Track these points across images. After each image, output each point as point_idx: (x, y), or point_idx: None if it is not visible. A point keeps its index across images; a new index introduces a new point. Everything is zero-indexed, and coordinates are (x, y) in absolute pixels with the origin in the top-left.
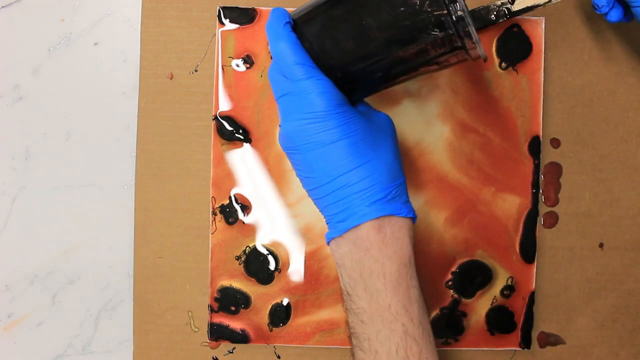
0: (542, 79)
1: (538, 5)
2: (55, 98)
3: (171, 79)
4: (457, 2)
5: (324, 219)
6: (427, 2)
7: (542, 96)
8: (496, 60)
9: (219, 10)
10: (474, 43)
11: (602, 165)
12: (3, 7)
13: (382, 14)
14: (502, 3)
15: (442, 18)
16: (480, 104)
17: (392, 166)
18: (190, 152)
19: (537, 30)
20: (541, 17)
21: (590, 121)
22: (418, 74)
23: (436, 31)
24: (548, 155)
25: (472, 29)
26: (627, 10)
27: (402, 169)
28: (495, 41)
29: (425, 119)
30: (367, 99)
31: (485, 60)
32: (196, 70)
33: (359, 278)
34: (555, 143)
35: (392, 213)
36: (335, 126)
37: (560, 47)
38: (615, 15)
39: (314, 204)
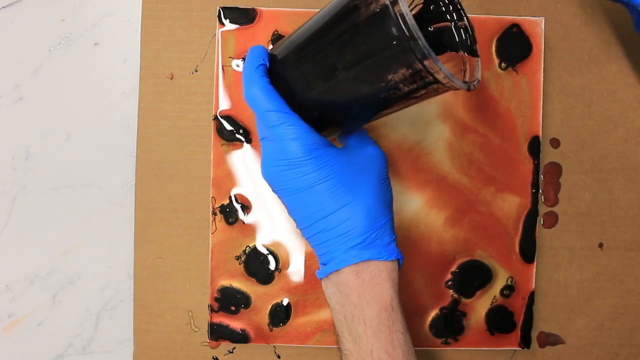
0: (542, 79)
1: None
2: (55, 98)
3: (171, 79)
4: (418, 40)
5: None
6: (387, 43)
7: (541, 96)
8: (496, 61)
9: (219, 10)
10: (447, 77)
11: (601, 165)
12: (3, 7)
13: (346, 54)
14: (457, 24)
15: (407, 56)
16: (480, 104)
17: (373, 208)
18: (190, 152)
19: (537, 30)
20: (541, 18)
21: (590, 121)
22: (398, 108)
23: (402, 69)
24: (548, 155)
25: (440, 65)
26: None
27: (388, 207)
28: (495, 41)
29: (425, 119)
30: None
31: (469, 90)
32: (196, 71)
33: (343, 321)
34: (555, 143)
35: (371, 258)
36: (311, 171)
37: (560, 47)
38: None
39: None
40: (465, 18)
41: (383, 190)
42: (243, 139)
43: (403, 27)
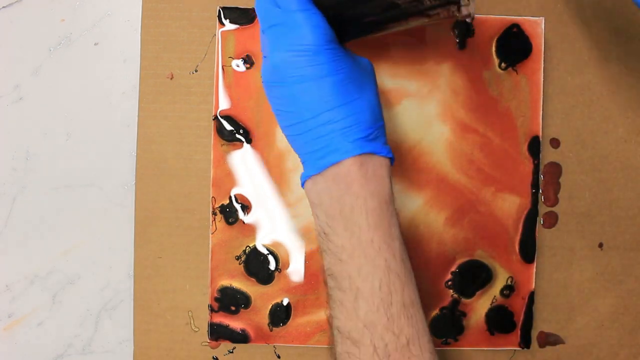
0: (542, 79)
1: None
2: (55, 98)
3: (171, 79)
4: None
5: (299, 159)
6: None
7: (541, 96)
8: (496, 61)
9: (219, 10)
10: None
11: (601, 165)
12: (3, 7)
13: None
14: None
15: None
16: (480, 104)
17: (375, 108)
18: (190, 152)
19: (537, 30)
20: (541, 17)
21: (590, 121)
22: (407, 23)
23: None
24: (548, 155)
25: None
26: None
27: (382, 113)
28: (495, 41)
29: (425, 119)
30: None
31: (472, 19)
32: (196, 71)
33: (338, 215)
34: (555, 143)
35: (374, 151)
36: (325, 62)
37: (560, 47)
38: None
39: (289, 141)
40: None
41: (378, 96)
42: (243, 139)
43: None
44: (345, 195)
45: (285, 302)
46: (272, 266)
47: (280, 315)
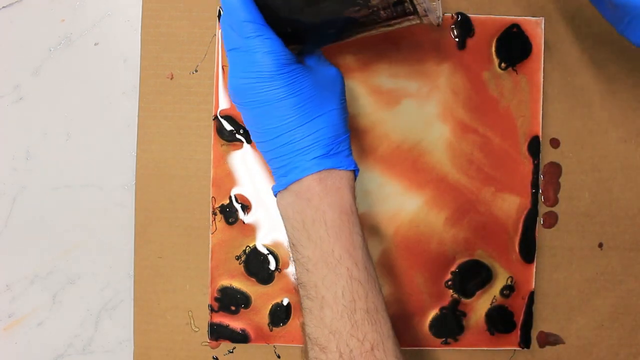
0: (542, 79)
1: None
2: (55, 98)
3: (171, 79)
4: None
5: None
6: None
7: (541, 96)
8: (496, 61)
9: (219, 10)
10: (425, 10)
11: (601, 165)
12: (3, 7)
13: None
14: None
15: None
16: (480, 104)
17: (337, 123)
18: (190, 152)
19: (537, 30)
20: (541, 18)
21: (589, 121)
22: (370, 33)
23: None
24: (547, 155)
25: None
26: None
27: (347, 125)
28: (494, 41)
29: (425, 119)
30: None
31: (439, 25)
32: (196, 71)
33: (301, 228)
34: (555, 143)
35: (334, 166)
36: (281, 86)
37: (560, 47)
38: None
39: (262, 154)
40: None
41: (344, 108)
42: (243, 139)
43: None
44: (307, 209)
45: (285, 302)
46: (272, 266)
47: (280, 315)
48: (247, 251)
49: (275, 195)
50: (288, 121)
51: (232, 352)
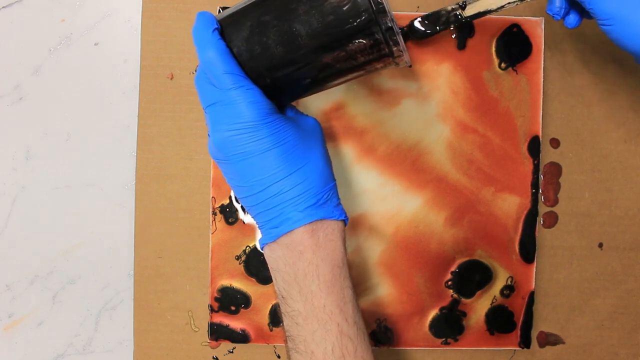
0: (542, 79)
1: (490, 11)
2: (55, 98)
3: (171, 79)
4: (386, 13)
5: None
6: (356, 13)
7: (541, 96)
8: (496, 61)
9: (219, 10)
10: (401, 51)
11: (601, 165)
12: (4, 7)
13: (312, 21)
14: (452, 9)
15: (372, 28)
16: (480, 104)
17: (324, 171)
18: (190, 152)
19: (537, 30)
20: (540, 18)
21: (589, 121)
22: (346, 79)
23: (365, 40)
24: (547, 155)
25: (399, 38)
26: (584, 12)
27: (332, 172)
28: (494, 41)
29: (425, 119)
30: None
31: (409, 66)
32: (196, 71)
33: (293, 281)
34: (555, 143)
35: (325, 217)
36: (266, 135)
37: (559, 47)
38: (572, 21)
39: (246, 210)
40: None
41: (327, 156)
42: None
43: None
44: (299, 262)
45: None
46: None
47: (280, 315)
48: (247, 251)
49: (262, 248)
50: (275, 172)
51: (232, 352)
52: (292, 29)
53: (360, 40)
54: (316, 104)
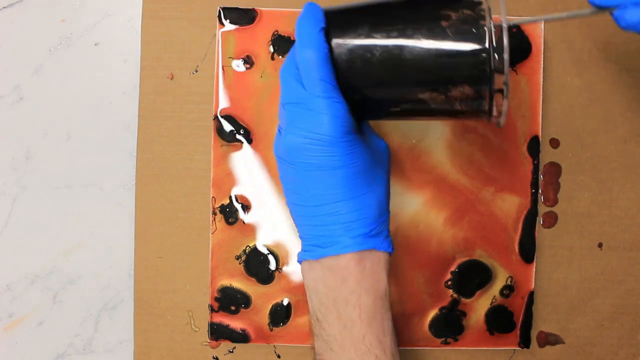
0: (542, 79)
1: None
2: (55, 98)
3: (171, 79)
4: (504, 74)
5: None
6: (474, 65)
7: (541, 96)
8: None
9: (219, 10)
10: (500, 112)
11: (601, 165)
12: (4, 7)
13: (425, 56)
14: None
15: (483, 84)
16: None
17: (383, 201)
18: (190, 152)
19: (537, 30)
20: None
21: (589, 121)
22: (431, 118)
23: (471, 92)
24: (547, 155)
25: (505, 103)
26: None
27: (389, 203)
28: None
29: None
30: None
31: (499, 126)
32: (196, 71)
33: (331, 306)
34: (555, 143)
35: (374, 247)
36: (339, 154)
37: (559, 47)
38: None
39: (290, 213)
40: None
41: (389, 185)
42: (244, 140)
43: (494, 51)
44: (341, 287)
45: (285, 302)
46: (272, 266)
47: (280, 315)
48: (247, 251)
49: (300, 262)
50: (337, 192)
51: (232, 352)
52: (402, 56)
53: (466, 91)
54: None
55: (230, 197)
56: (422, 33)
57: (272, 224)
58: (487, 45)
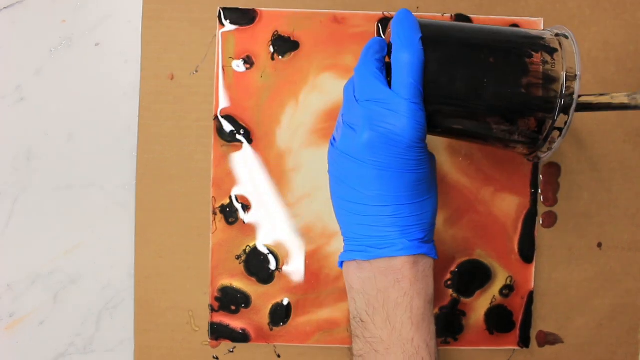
0: None
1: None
2: (56, 99)
3: (172, 79)
4: (568, 115)
5: (341, 232)
6: (544, 102)
7: None
8: None
9: (220, 11)
10: (549, 149)
11: (600, 165)
12: (5, 8)
13: (504, 84)
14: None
15: (547, 120)
16: None
17: (436, 210)
18: (190, 152)
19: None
20: (540, 18)
21: (588, 121)
22: (485, 143)
23: (534, 127)
24: None
25: (559, 141)
26: None
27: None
28: None
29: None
30: None
31: (536, 161)
32: (197, 71)
33: (381, 308)
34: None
35: (427, 252)
36: (412, 159)
37: None
38: None
39: (336, 209)
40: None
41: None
42: (244, 140)
43: (567, 103)
44: (392, 290)
45: (285, 302)
46: (273, 266)
47: (280, 314)
48: (247, 251)
49: (342, 263)
50: (402, 194)
51: (232, 351)
52: (484, 79)
53: (530, 124)
54: (317, 103)
55: (230, 197)
56: (506, 64)
57: (272, 224)
58: (559, 87)
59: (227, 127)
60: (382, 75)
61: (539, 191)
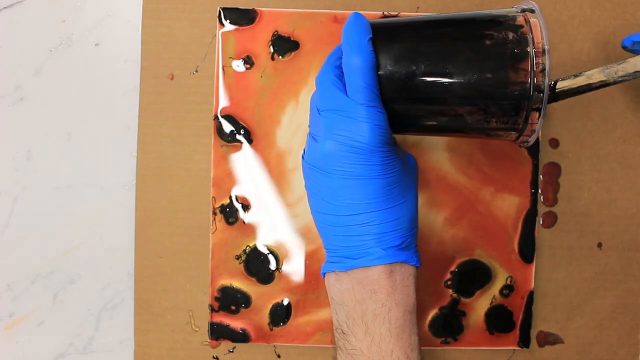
0: None
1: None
2: (56, 98)
3: (172, 79)
4: (542, 93)
5: (323, 246)
6: (514, 83)
7: None
8: None
9: (220, 11)
10: (532, 132)
11: (600, 165)
12: (4, 8)
13: (469, 72)
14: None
15: (522, 102)
16: None
17: (413, 215)
18: (190, 152)
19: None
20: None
21: (588, 121)
22: (464, 135)
23: (509, 111)
24: (547, 155)
25: (541, 121)
26: None
27: (417, 218)
28: None
29: None
30: None
31: (525, 145)
32: (196, 71)
33: (359, 319)
34: (554, 143)
35: (405, 260)
36: (377, 163)
37: (559, 47)
38: None
39: (316, 223)
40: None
41: (417, 201)
42: (244, 140)
43: (540, 81)
44: (369, 301)
45: (285, 302)
46: (273, 266)
47: (280, 314)
48: (247, 251)
49: (324, 274)
50: (371, 201)
51: (232, 351)
52: (446, 70)
53: (504, 108)
54: None
55: (230, 197)
56: (467, 50)
57: (272, 224)
58: (529, 65)
59: (227, 127)
60: (340, 83)
61: (539, 191)
